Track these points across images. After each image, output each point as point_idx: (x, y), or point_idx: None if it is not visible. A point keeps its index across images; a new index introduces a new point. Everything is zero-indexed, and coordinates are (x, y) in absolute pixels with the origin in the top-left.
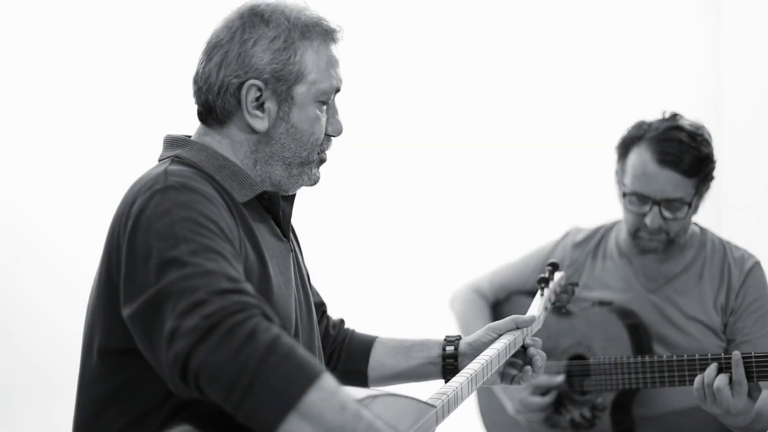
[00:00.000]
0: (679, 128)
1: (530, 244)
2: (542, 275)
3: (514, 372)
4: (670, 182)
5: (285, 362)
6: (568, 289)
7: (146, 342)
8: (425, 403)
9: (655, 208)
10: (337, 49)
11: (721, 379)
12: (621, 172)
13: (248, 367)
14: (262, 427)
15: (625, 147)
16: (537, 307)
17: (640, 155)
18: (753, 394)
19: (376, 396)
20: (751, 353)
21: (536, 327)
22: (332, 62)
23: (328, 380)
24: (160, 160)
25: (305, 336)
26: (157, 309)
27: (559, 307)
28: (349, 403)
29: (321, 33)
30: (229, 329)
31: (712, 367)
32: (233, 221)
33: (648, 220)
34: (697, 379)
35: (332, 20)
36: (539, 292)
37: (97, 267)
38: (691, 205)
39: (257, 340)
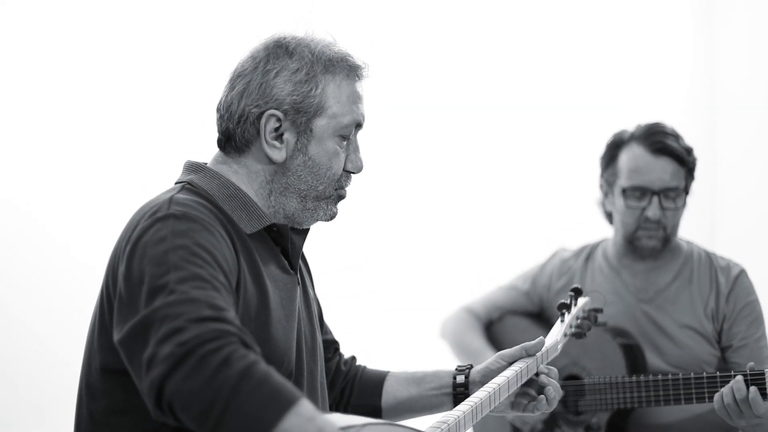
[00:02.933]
0: (660, 125)
1: (520, 268)
2: (563, 301)
3: (525, 401)
4: (666, 170)
5: (259, 389)
6: (591, 315)
7: (131, 366)
8: None
9: (655, 199)
10: (361, 86)
11: (754, 391)
12: (613, 176)
13: (221, 394)
14: None
15: (612, 151)
16: (556, 332)
17: (632, 151)
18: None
19: (363, 425)
20: (746, 371)
21: (553, 354)
22: (355, 98)
23: (305, 406)
24: (176, 183)
25: (308, 370)
26: (142, 335)
27: (579, 334)
28: (327, 428)
29: (345, 68)
30: (202, 356)
31: (741, 383)
32: (233, 252)
33: (650, 212)
34: (726, 395)
35: (358, 57)
36: (560, 318)
37: (100, 286)
38: (685, 193)
39: (231, 367)
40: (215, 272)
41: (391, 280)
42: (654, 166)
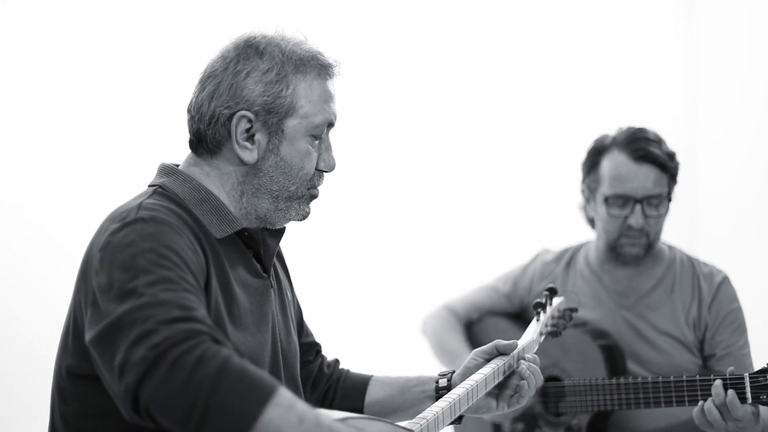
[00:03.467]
0: (643, 130)
1: (503, 267)
2: (539, 300)
3: (510, 393)
4: (649, 178)
5: (238, 384)
6: (566, 314)
7: (102, 371)
8: (403, 428)
9: (638, 207)
10: (333, 85)
11: (732, 394)
12: (595, 183)
13: (200, 394)
14: None
15: (594, 157)
16: (532, 332)
17: (614, 158)
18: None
19: (345, 418)
20: (726, 375)
21: (530, 352)
22: (326, 97)
23: (283, 395)
24: (149, 186)
25: (287, 374)
26: (112, 339)
27: (555, 333)
28: (307, 414)
29: (316, 67)
30: (176, 358)
31: (719, 388)
32: (202, 257)
33: (632, 221)
34: (708, 405)
35: (329, 55)
36: (535, 317)
37: (73, 290)
38: (669, 199)
39: (207, 365)
40: (184, 274)
41: (374, 280)
42: (637, 174)
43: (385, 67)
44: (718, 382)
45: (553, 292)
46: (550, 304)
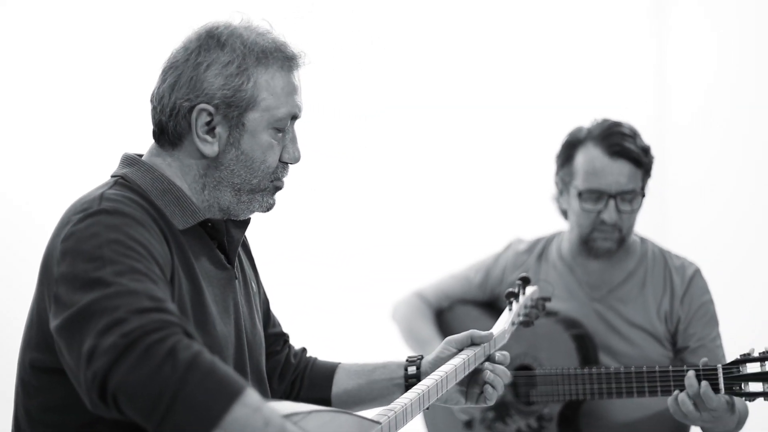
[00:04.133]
0: (619, 124)
1: (475, 256)
2: (511, 290)
3: (477, 391)
4: (623, 173)
5: (206, 379)
6: (539, 304)
7: (68, 358)
8: (369, 420)
9: (611, 203)
10: (298, 76)
11: (705, 385)
12: (569, 176)
13: (169, 385)
14: None
15: (568, 150)
16: (504, 321)
17: (588, 153)
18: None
19: (309, 412)
20: (699, 366)
21: (501, 342)
22: (290, 89)
23: (251, 396)
24: (111, 176)
25: (252, 365)
26: (79, 327)
27: (527, 322)
28: (273, 418)
29: (279, 59)
30: (147, 347)
31: (692, 379)
32: (166, 248)
33: (606, 216)
34: (681, 397)
35: (295, 46)
36: (507, 306)
37: (36, 281)
38: (642, 194)
39: (177, 357)
40: (150, 265)
41: (344, 268)
42: (611, 169)
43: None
44: (691, 373)
45: (526, 282)
46: (523, 294)
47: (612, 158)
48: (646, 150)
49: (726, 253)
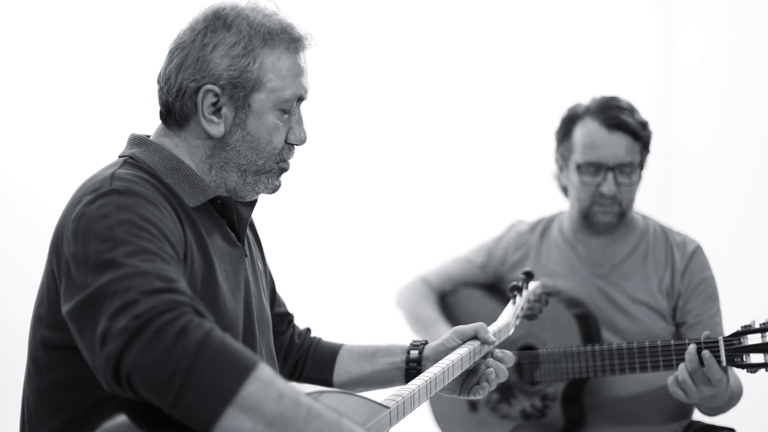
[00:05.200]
0: (616, 99)
1: (478, 239)
2: (515, 283)
3: (472, 384)
4: (621, 146)
5: (218, 357)
6: (542, 298)
7: (81, 341)
8: (378, 403)
9: (610, 175)
10: (305, 58)
11: (682, 372)
12: (567, 151)
13: (181, 365)
14: (201, 424)
15: (567, 125)
16: (508, 314)
17: (586, 126)
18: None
19: (321, 392)
20: (700, 339)
21: (505, 335)
22: (297, 70)
23: (263, 370)
24: (120, 157)
25: (262, 340)
26: (92, 310)
27: (531, 316)
28: (287, 391)
29: (286, 40)
30: (158, 328)
31: (693, 353)
32: (179, 226)
33: (605, 188)
34: (681, 371)
35: (301, 27)
36: (511, 300)
37: (46, 261)
38: (640, 166)
39: (188, 337)
40: (163, 245)
41: (350, 250)
42: (609, 142)
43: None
44: (692, 347)
45: (529, 276)
46: (527, 288)
47: (610, 131)
48: (643, 124)
49: (729, 230)
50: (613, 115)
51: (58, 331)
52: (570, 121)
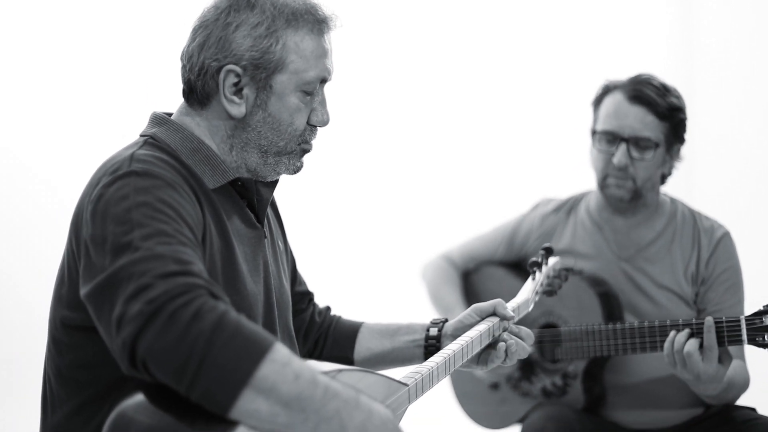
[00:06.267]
0: (650, 77)
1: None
2: (534, 259)
3: (488, 354)
4: (639, 119)
5: (233, 339)
6: (562, 274)
7: (99, 324)
8: (397, 381)
9: (623, 146)
10: (329, 39)
11: (691, 344)
12: (595, 121)
13: (196, 348)
14: (217, 407)
15: (599, 97)
16: (527, 290)
17: (613, 98)
18: (723, 361)
19: (340, 370)
20: (721, 318)
21: (525, 311)
22: (320, 52)
23: (279, 351)
24: (141, 136)
25: (281, 323)
26: (108, 293)
27: (550, 292)
28: (303, 371)
29: (310, 21)
30: (172, 312)
31: (683, 333)
32: (197, 207)
33: (615, 159)
34: (667, 344)
35: (327, 8)
36: (531, 276)
37: (66, 241)
38: (659, 147)
39: (203, 320)
40: (180, 227)
41: (371, 229)
42: (628, 113)
43: (389, 10)
44: (710, 319)
45: (549, 252)
46: (546, 264)
47: (631, 102)
48: (673, 107)
49: (752, 211)
50: (638, 88)
51: (78, 312)
52: (603, 93)
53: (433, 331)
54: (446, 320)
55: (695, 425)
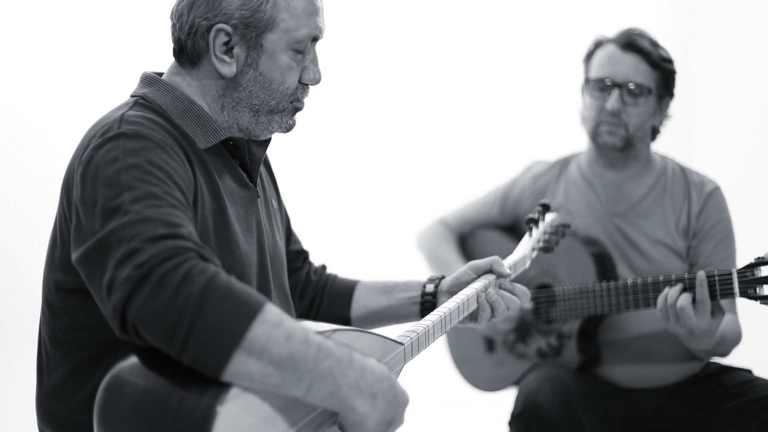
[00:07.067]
0: (640, 29)
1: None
2: (531, 216)
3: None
4: (632, 66)
5: (223, 302)
6: (559, 230)
7: (91, 289)
8: (393, 340)
9: (616, 91)
10: None
11: (684, 299)
12: (587, 72)
13: (186, 312)
14: (210, 370)
15: (591, 50)
16: (524, 247)
17: (605, 49)
18: (716, 315)
19: (334, 330)
20: (713, 271)
21: (521, 268)
22: (311, 10)
23: (270, 312)
24: (131, 96)
25: (276, 283)
26: (99, 258)
27: (547, 248)
28: (295, 331)
29: None
30: (161, 276)
31: (676, 288)
32: (188, 168)
33: (608, 104)
34: (660, 299)
35: None
36: (527, 232)
37: (58, 203)
38: (651, 94)
39: (192, 283)
40: (170, 189)
41: (365, 189)
42: (620, 60)
43: None
44: (702, 273)
45: (545, 208)
46: (543, 220)
47: (624, 50)
48: (665, 58)
49: (747, 167)
50: (631, 38)
51: (71, 275)
52: (595, 47)
53: (430, 288)
54: (443, 277)
55: (691, 386)
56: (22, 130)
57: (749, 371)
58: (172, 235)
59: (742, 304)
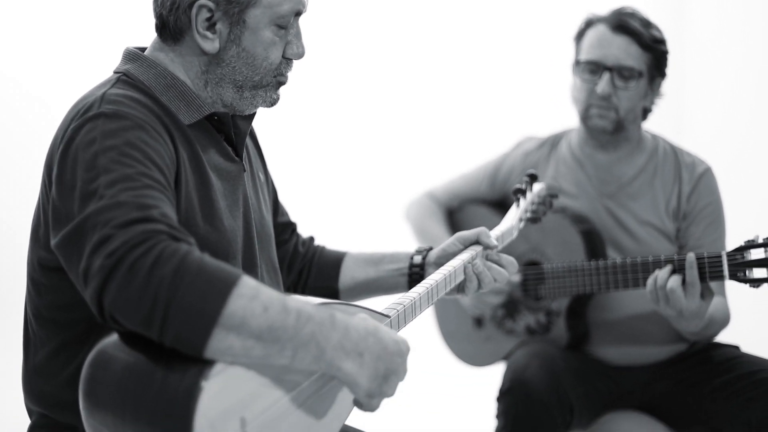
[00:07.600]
0: (632, 9)
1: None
2: (518, 186)
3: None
4: (623, 49)
5: (196, 280)
6: (547, 201)
7: (71, 275)
8: (378, 312)
9: (606, 75)
10: None
11: (674, 280)
12: (578, 53)
13: (160, 295)
14: (191, 349)
15: (581, 30)
16: (511, 217)
17: (596, 29)
18: (705, 297)
19: (318, 306)
20: (703, 254)
21: (509, 238)
22: None
23: (245, 285)
24: (114, 72)
25: (264, 257)
26: (75, 245)
27: (535, 219)
28: (272, 301)
29: None
30: (132, 263)
31: (666, 269)
32: (170, 146)
33: (599, 87)
34: (650, 280)
35: None
36: (515, 203)
37: (41, 181)
38: (642, 77)
39: (164, 266)
40: (147, 169)
41: (353, 161)
42: (611, 42)
43: None
44: (691, 255)
45: (533, 178)
46: (530, 191)
47: (614, 32)
48: (656, 39)
49: (739, 150)
50: (622, 19)
51: (53, 254)
52: (585, 26)
53: (417, 259)
54: (430, 248)
55: (679, 363)
56: (14, 90)
57: (737, 347)
58: (144, 219)
59: (729, 284)
